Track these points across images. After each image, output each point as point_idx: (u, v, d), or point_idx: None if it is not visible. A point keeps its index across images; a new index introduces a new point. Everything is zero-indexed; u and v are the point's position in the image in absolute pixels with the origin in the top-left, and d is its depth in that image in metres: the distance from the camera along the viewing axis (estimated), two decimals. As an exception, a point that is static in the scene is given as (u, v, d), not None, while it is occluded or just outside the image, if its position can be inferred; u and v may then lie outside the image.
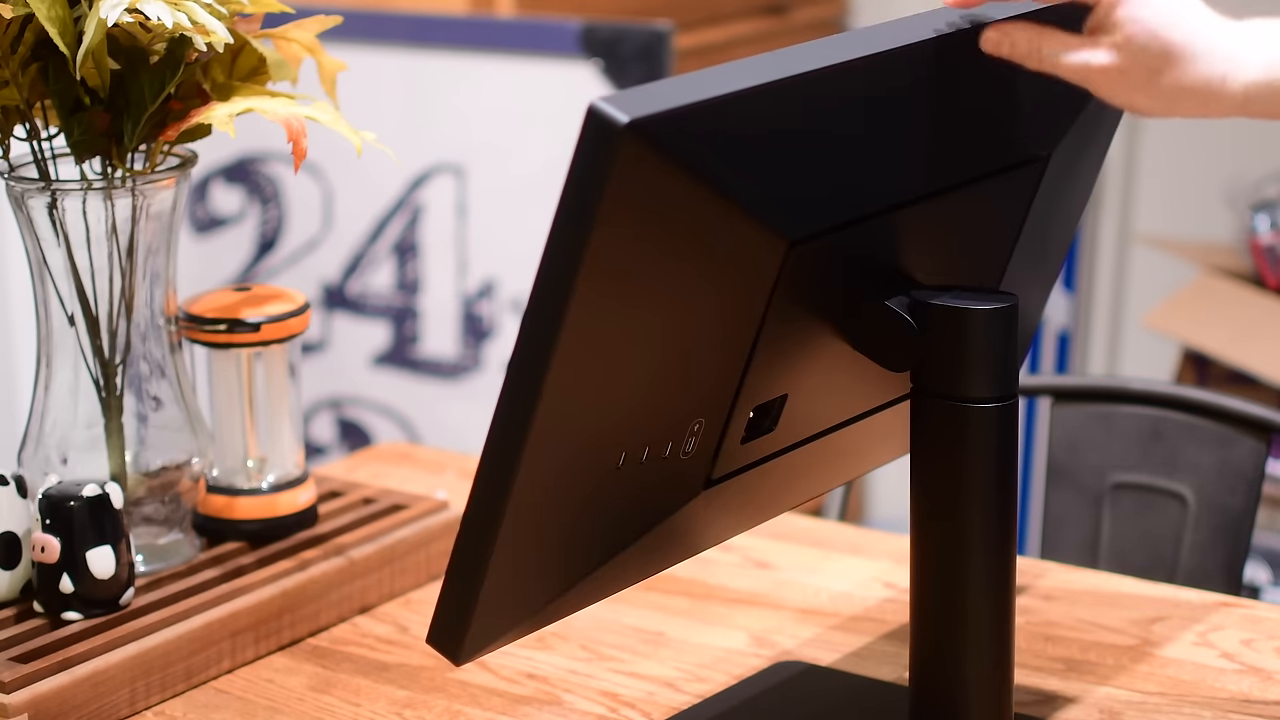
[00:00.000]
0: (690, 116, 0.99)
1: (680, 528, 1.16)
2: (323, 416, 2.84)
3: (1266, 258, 3.00)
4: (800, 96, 1.05)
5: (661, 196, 0.99)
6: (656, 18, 2.73)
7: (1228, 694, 1.33)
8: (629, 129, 0.95)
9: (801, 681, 1.34)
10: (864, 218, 1.12)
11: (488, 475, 1.03)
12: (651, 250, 1.01)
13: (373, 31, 2.70)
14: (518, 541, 1.06)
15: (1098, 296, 3.45)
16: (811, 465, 1.24)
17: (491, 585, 1.06)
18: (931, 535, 1.17)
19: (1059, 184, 1.27)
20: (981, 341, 1.13)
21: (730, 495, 1.18)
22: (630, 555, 1.14)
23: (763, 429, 1.16)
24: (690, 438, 1.10)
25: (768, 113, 1.03)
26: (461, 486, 1.70)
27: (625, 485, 1.09)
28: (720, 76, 1.01)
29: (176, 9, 1.27)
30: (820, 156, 1.08)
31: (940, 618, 1.18)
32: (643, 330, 1.04)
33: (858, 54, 1.08)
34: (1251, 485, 1.72)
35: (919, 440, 1.16)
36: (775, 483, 1.22)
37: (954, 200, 1.18)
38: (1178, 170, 3.37)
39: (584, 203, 0.97)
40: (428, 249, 2.73)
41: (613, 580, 1.15)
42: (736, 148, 1.02)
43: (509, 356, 1.01)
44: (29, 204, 1.36)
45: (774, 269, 1.08)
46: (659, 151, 0.97)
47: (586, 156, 0.96)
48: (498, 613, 1.09)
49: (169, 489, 1.42)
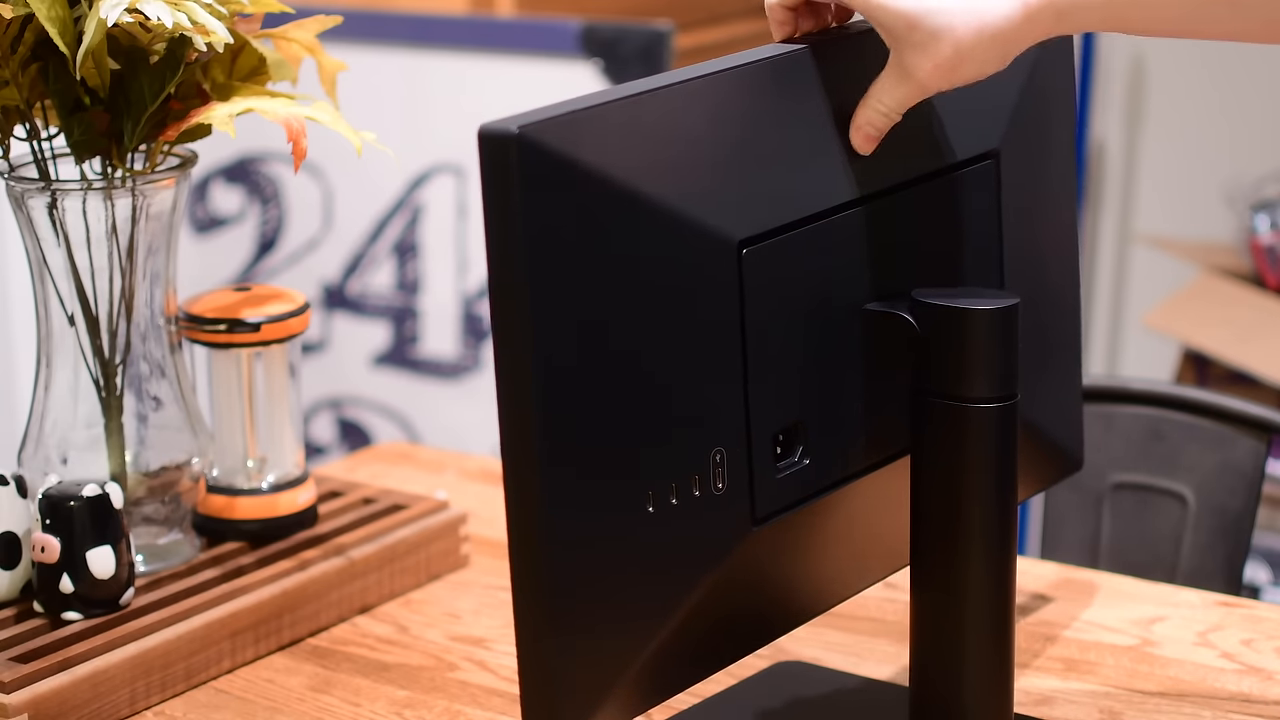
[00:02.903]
0: (579, 120, 1.00)
1: (752, 586, 1.13)
2: (323, 416, 2.84)
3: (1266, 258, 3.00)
4: (699, 97, 1.06)
5: (579, 206, 1.00)
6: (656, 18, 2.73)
7: (1228, 694, 1.33)
8: (520, 135, 0.96)
9: (801, 681, 1.34)
10: (814, 217, 1.12)
11: (520, 552, 1.01)
12: (596, 267, 1.01)
13: (373, 31, 2.70)
14: (574, 614, 1.02)
15: (1098, 296, 3.45)
16: (880, 519, 1.22)
17: (564, 671, 1.03)
18: (931, 535, 1.17)
19: (1026, 181, 1.27)
20: (982, 341, 1.13)
21: (792, 541, 1.15)
22: (712, 626, 1.10)
23: (794, 457, 1.14)
24: (717, 469, 1.09)
25: (665, 113, 1.04)
26: (461, 486, 1.70)
27: (665, 530, 1.06)
28: (621, 88, 1.03)
29: (176, 9, 1.27)
30: (745, 158, 1.09)
31: (940, 618, 1.18)
32: (619, 352, 1.03)
33: (758, 59, 1.10)
34: (1251, 485, 1.72)
35: (919, 440, 1.16)
36: (845, 536, 1.20)
37: (913, 200, 1.18)
38: (1178, 170, 3.37)
39: (507, 229, 0.97)
40: (428, 249, 2.73)
41: (699, 659, 1.11)
42: (641, 148, 1.03)
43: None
44: (29, 204, 1.36)
45: (731, 272, 1.08)
46: (553, 154, 0.98)
47: (490, 179, 0.97)
48: (584, 694, 1.05)
49: (169, 489, 1.42)
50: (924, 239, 1.21)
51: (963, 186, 1.22)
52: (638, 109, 1.03)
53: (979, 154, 1.23)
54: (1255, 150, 3.24)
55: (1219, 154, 3.28)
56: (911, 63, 1.11)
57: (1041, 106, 1.27)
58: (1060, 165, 1.31)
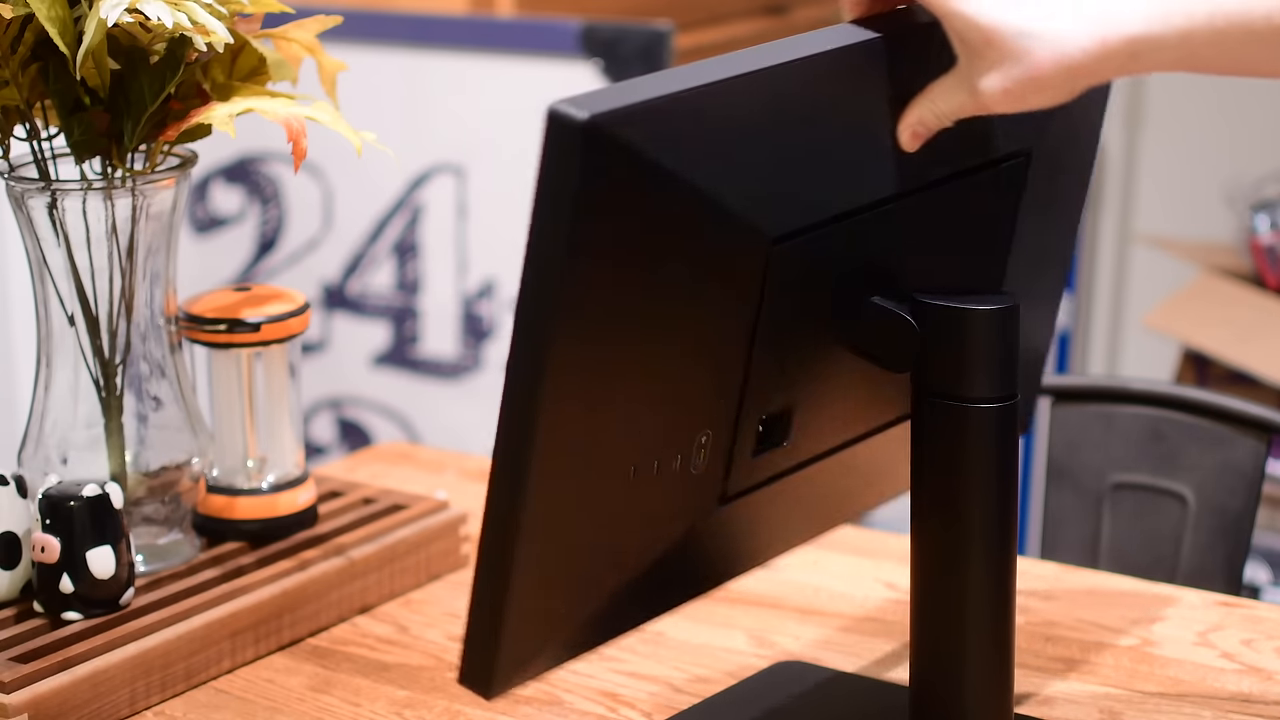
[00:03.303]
0: (650, 111, 0.99)
1: (703, 550, 1.15)
2: (323, 416, 2.84)
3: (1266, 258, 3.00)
4: (766, 90, 1.05)
5: (632, 195, 0.99)
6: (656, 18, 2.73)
7: (1228, 694, 1.33)
8: (590, 125, 0.96)
9: (801, 681, 1.34)
10: (845, 215, 1.12)
11: (499, 496, 1.02)
12: (632, 253, 1.01)
13: (373, 31, 2.70)
14: (537, 564, 1.04)
15: (1098, 296, 3.45)
16: (831, 487, 1.24)
17: (515, 612, 1.04)
18: (932, 535, 1.17)
19: (1047, 182, 1.27)
20: (982, 341, 1.13)
21: (750, 515, 1.17)
22: (656, 580, 1.13)
23: (773, 442, 1.15)
24: (699, 450, 1.10)
25: (732, 106, 1.03)
26: (461, 486, 1.70)
27: (638, 501, 1.08)
28: (687, 72, 1.02)
29: (176, 9, 1.27)
30: (793, 152, 1.08)
31: (940, 618, 1.18)
32: (634, 335, 1.03)
33: (825, 48, 1.08)
34: (1251, 485, 1.72)
35: (919, 440, 1.16)
36: (795, 504, 1.21)
37: (939, 197, 1.18)
38: (1178, 170, 3.37)
39: (557, 209, 0.97)
40: (428, 249, 2.73)
41: (641, 607, 1.13)
42: (703, 142, 1.02)
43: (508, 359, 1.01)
44: (29, 204, 1.36)
45: (759, 268, 1.08)
46: (621, 147, 0.98)
47: (551, 161, 0.96)
48: (526, 641, 1.07)
49: (169, 489, 1.42)
50: (943, 236, 1.20)
51: (989, 184, 1.22)
52: (704, 100, 1.02)
53: (1011, 153, 1.22)
54: (1255, 150, 3.24)
55: (1219, 154, 3.28)
56: (980, 78, 1.09)
57: (1079, 107, 1.26)
58: (1080, 168, 1.31)
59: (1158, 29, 1.06)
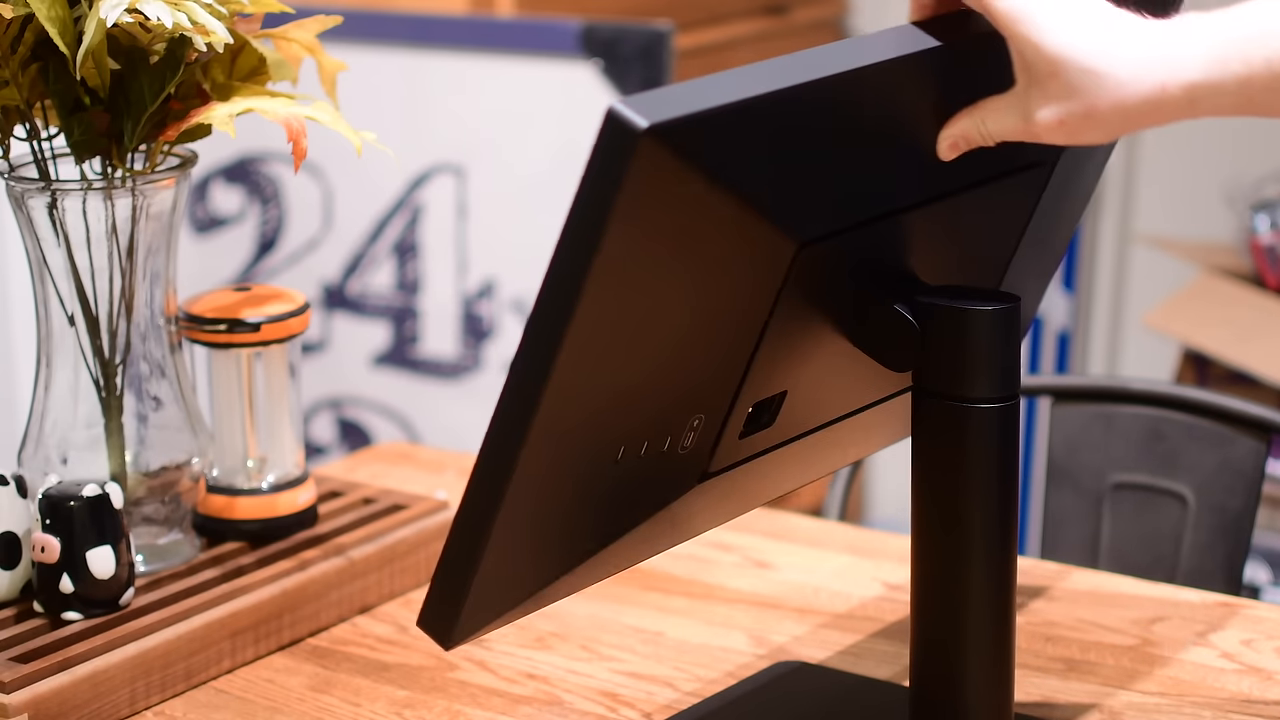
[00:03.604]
0: (707, 121, 0.98)
1: (673, 517, 1.16)
2: (323, 416, 2.84)
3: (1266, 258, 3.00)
4: (814, 101, 1.04)
5: (675, 199, 0.99)
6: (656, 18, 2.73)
7: (1228, 694, 1.33)
8: (649, 133, 0.95)
9: (801, 681, 1.34)
10: (871, 220, 1.12)
11: (487, 463, 1.04)
12: (662, 251, 1.01)
13: (373, 31, 2.70)
14: (513, 529, 1.06)
15: (1098, 296, 3.45)
16: (805, 457, 1.25)
17: (485, 571, 1.06)
18: (932, 535, 1.17)
19: (1063, 187, 1.27)
20: (983, 342, 1.13)
21: (724, 486, 1.18)
22: (622, 544, 1.14)
23: (761, 424, 1.16)
24: (689, 433, 1.11)
25: (782, 117, 1.03)
26: (461, 486, 1.69)
27: (622, 477, 1.09)
28: (735, 80, 1.01)
29: (176, 9, 1.27)
30: (831, 160, 1.08)
31: (940, 618, 1.18)
32: (649, 329, 1.04)
33: (870, 60, 1.07)
34: (1251, 485, 1.72)
35: (919, 440, 1.16)
36: (768, 473, 1.22)
37: (960, 203, 1.18)
38: (1178, 170, 3.37)
39: (599, 204, 0.96)
40: (428, 249, 2.73)
41: (604, 567, 1.15)
42: (751, 151, 1.02)
43: (510, 356, 1.01)
44: (29, 204, 1.36)
45: (782, 270, 1.08)
46: (675, 155, 0.97)
47: (604, 158, 0.96)
48: (490, 598, 1.09)
49: (169, 489, 1.42)
50: (957, 238, 1.20)
51: (1011, 190, 1.22)
52: (763, 113, 1.01)
53: (1035, 160, 1.22)
54: (1255, 150, 3.24)
55: (1219, 154, 3.28)
56: (1037, 107, 1.08)
57: None
58: (1092, 175, 1.31)
59: (1216, 76, 1.05)
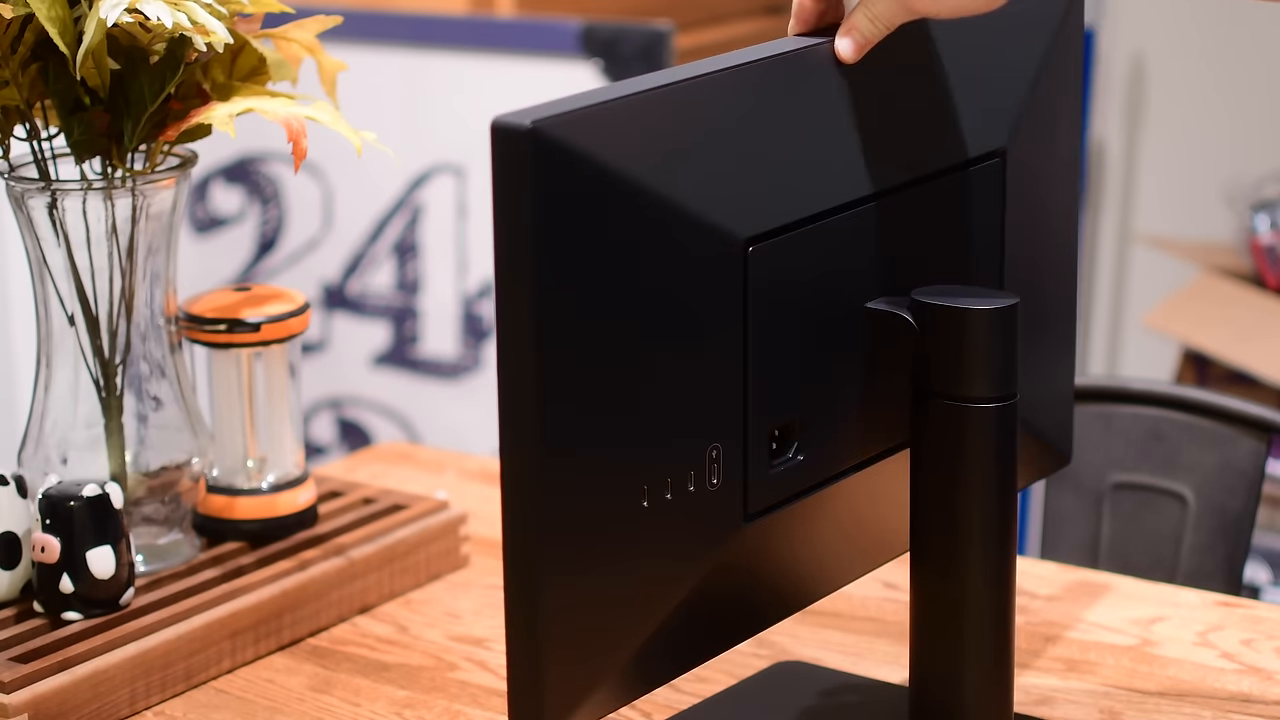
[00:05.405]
0: (594, 117, 0.99)
1: (736, 584, 1.13)
2: (323, 416, 2.84)
3: (1266, 258, 3.00)
4: (716, 93, 1.06)
5: (594, 205, 1.00)
6: (656, 18, 2.73)
7: (1228, 694, 1.33)
8: (533, 133, 0.96)
9: (801, 681, 1.34)
10: (820, 215, 1.12)
11: (515, 543, 1.01)
12: (604, 265, 1.01)
13: (373, 31, 2.70)
14: (564, 604, 1.03)
15: (1098, 296, 3.45)
16: (865, 516, 1.22)
17: (553, 659, 1.03)
18: (931, 535, 1.17)
19: (1031, 184, 1.27)
20: (982, 341, 1.13)
21: (781, 543, 1.15)
22: (691, 620, 1.10)
23: (788, 455, 1.14)
24: (713, 465, 1.10)
25: (680, 109, 1.04)
26: (461, 486, 1.70)
27: (659, 524, 1.07)
28: (635, 81, 1.03)
29: (176, 9, 1.27)
30: (756, 154, 1.08)
31: (940, 618, 1.18)
32: (623, 349, 1.03)
33: (778, 51, 1.09)
34: (1251, 485, 1.72)
35: (919, 440, 1.16)
36: (828, 533, 1.20)
37: (918, 200, 1.18)
38: (1178, 170, 3.37)
39: (518, 225, 0.97)
40: (428, 249, 2.73)
41: (678, 654, 1.11)
42: (655, 146, 1.03)
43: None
44: (29, 204, 1.36)
45: (738, 270, 1.08)
46: (571, 153, 0.98)
47: (504, 174, 0.97)
48: (570, 686, 1.05)
49: (169, 489, 1.42)
50: (929, 237, 1.21)
51: (969, 185, 1.22)
52: (650, 105, 1.03)
53: (986, 153, 1.23)
54: (1255, 150, 3.24)
55: (1219, 154, 3.28)
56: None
57: (1049, 106, 1.27)
58: (1065, 165, 1.31)
59: None
